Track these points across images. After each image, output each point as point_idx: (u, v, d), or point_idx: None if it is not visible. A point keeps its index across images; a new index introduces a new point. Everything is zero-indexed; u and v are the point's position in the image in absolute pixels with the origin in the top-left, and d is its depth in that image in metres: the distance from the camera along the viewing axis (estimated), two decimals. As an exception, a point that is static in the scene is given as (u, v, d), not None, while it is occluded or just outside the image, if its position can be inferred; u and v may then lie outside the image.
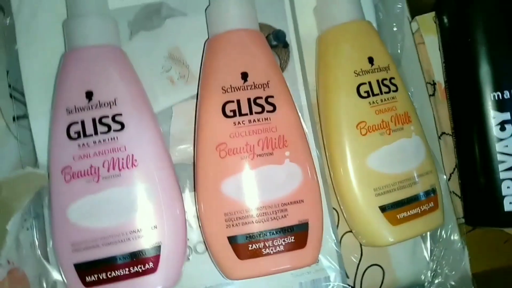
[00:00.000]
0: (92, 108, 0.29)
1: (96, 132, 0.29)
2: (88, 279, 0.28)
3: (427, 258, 0.37)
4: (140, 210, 0.29)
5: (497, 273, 0.46)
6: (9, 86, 0.35)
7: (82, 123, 0.29)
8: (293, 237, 0.30)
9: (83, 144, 0.29)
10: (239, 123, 0.30)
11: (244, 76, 0.31)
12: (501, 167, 0.35)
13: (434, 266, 0.37)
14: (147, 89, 0.32)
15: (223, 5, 0.32)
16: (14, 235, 0.29)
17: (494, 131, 0.35)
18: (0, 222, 0.28)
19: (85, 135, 0.29)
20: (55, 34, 0.34)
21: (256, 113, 0.31)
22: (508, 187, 0.35)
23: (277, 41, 0.36)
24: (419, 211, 0.33)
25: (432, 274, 0.37)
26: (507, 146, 0.35)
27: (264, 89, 0.31)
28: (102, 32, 0.31)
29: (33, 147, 0.34)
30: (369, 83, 0.33)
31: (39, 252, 0.31)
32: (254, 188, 0.30)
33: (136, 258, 0.28)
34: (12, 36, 0.36)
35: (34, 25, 0.35)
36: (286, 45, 0.37)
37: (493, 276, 0.46)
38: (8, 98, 0.35)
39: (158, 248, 0.28)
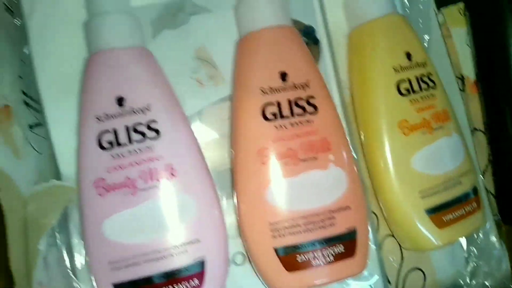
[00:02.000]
0: (124, 115, 0.27)
1: (130, 141, 0.27)
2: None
3: (466, 259, 0.36)
4: (181, 223, 0.27)
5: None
6: (23, 93, 0.33)
7: (115, 131, 0.27)
8: (342, 246, 0.28)
9: (117, 154, 0.27)
10: (280, 126, 0.28)
11: (283, 76, 0.29)
12: (539, 162, 0.34)
13: (473, 266, 0.36)
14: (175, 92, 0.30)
15: (255, 1, 0.30)
16: (44, 254, 0.27)
17: (532, 126, 0.34)
18: (30, 241, 0.26)
19: (118, 144, 0.27)
20: (72, 35, 0.32)
21: (297, 115, 0.29)
22: (546, 184, 0.34)
23: (307, 37, 0.35)
24: (464, 212, 0.32)
25: (471, 274, 0.36)
26: (546, 141, 0.34)
27: (304, 89, 0.29)
28: (128, 32, 0.29)
29: (51, 157, 0.32)
30: (409, 79, 0.32)
31: (69, 271, 0.29)
32: (299, 196, 0.28)
33: (180, 275, 0.26)
34: (21, 38, 0.34)
35: (48, 26, 0.32)
36: (316, 42, 0.35)
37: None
38: (22, 106, 0.33)
39: (202, 263, 0.27)
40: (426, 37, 0.40)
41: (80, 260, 0.30)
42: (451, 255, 0.36)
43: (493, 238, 0.37)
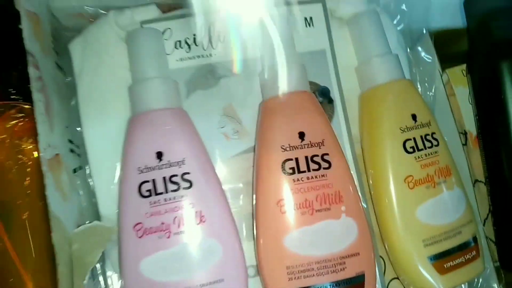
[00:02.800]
0: (162, 167, 0.31)
1: (166, 190, 0.31)
2: None
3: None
4: (208, 264, 0.30)
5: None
6: (69, 141, 0.37)
7: (153, 181, 0.31)
8: (351, 289, 0.31)
9: (155, 202, 0.31)
10: (298, 180, 0.32)
11: (301, 135, 0.33)
12: (535, 213, 0.37)
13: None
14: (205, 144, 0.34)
15: (275, 70, 0.35)
16: (88, 290, 0.31)
17: (528, 180, 0.38)
18: (75, 277, 0.30)
19: (156, 193, 0.31)
20: (117, 96, 0.36)
21: (313, 170, 0.33)
22: (542, 233, 0.37)
23: (322, 97, 0.39)
24: (464, 260, 0.35)
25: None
26: (540, 193, 0.37)
27: (320, 147, 0.33)
28: (166, 95, 0.33)
29: (89, 199, 0.36)
30: (414, 139, 0.36)
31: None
32: (314, 242, 0.31)
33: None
34: (69, 92, 0.38)
35: (95, 86, 0.37)
36: (330, 101, 0.39)
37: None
38: (68, 153, 0.37)
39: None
40: (431, 95, 0.44)
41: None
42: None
43: (494, 284, 0.39)
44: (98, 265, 0.34)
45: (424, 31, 0.44)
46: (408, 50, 0.44)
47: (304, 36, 0.40)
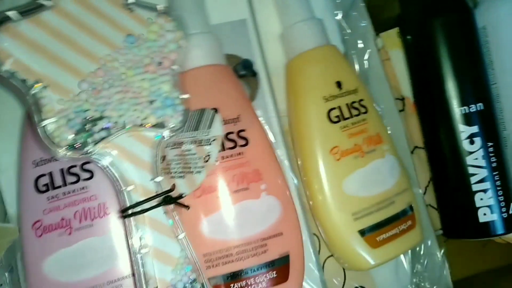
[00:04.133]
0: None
1: (65, 184, 0.28)
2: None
3: (410, 274, 0.38)
4: (119, 259, 0.28)
5: (478, 277, 0.47)
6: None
7: (50, 174, 0.28)
8: (275, 272, 0.29)
9: (52, 197, 0.28)
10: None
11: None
12: (472, 179, 0.36)
13: (417, 281, 0.38)
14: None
15: (193, 44, 0.32)
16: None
17: (464, 144, 0.36)
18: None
19: (53, 187, 0.28)
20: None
21: (228, 148, 0.30)
22: (481, 199, 0.36)
23: (245, 70, 0.36)
24: (398, 231, 0.34)
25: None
26: (477, 158, 0.36)
27: (235, 124, 0.31)
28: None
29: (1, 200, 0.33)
30: (339, 107, 0.34)
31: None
32: (232, 226, 0.29)
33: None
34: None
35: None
36: (254, 74, 0.36)
37: (475, 281, 0.47)
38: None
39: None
40: (366, 63, 0.42)
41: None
42: (394, 271, 0.37)
43: (436, 252, 0.38)
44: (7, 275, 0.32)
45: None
46: (341, 16, 0.42)
47: (222, 6, 0.37)
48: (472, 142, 0.36)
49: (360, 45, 0.42)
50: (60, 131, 0.26)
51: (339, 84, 0.34)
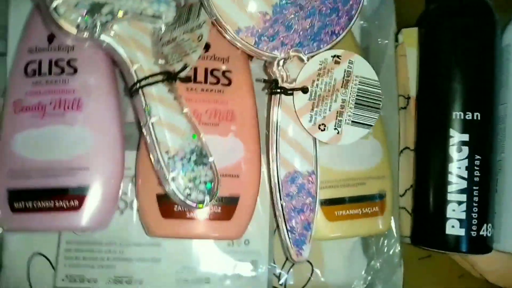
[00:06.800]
0: (51, 50, 0.31)
1: (50, 73, 0.30)
2: (16, 205, 0.29)
3: (364, 270, 0.37)
4: (78, 151, 0.30)
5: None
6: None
7: (39, 62, 0.30)
8: (220, 208, 0.30)
9: (37, 82, 0.30)
10: (191, 89, 0.31)
11: (207, 47, 0.32)
12: (450, 188, 0.35)
13: (369, 278, 0.37)
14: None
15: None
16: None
17: (451, 150, 0.35)
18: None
19: (40, 74, 0.30)
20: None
21: (211, 83, 0.31)
22: (453, 210, 0.34)
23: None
24: (360, 213, 0.33)
25: (365, 285, 0.37)
26: (460, 168, 0.35)
27: (223, 63, 0.32)
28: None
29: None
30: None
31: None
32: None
33: (62, 193, 0.29)
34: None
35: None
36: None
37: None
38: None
39: (85, 189, 0.29)
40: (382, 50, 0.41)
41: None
42: (347, 260, 0.36)
43: (395, 253, 0.37)
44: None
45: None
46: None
47: None
48: (459, 150, 0.35)
49: (379, 37, 0.42)
50: (71, 12, 0.28)
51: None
